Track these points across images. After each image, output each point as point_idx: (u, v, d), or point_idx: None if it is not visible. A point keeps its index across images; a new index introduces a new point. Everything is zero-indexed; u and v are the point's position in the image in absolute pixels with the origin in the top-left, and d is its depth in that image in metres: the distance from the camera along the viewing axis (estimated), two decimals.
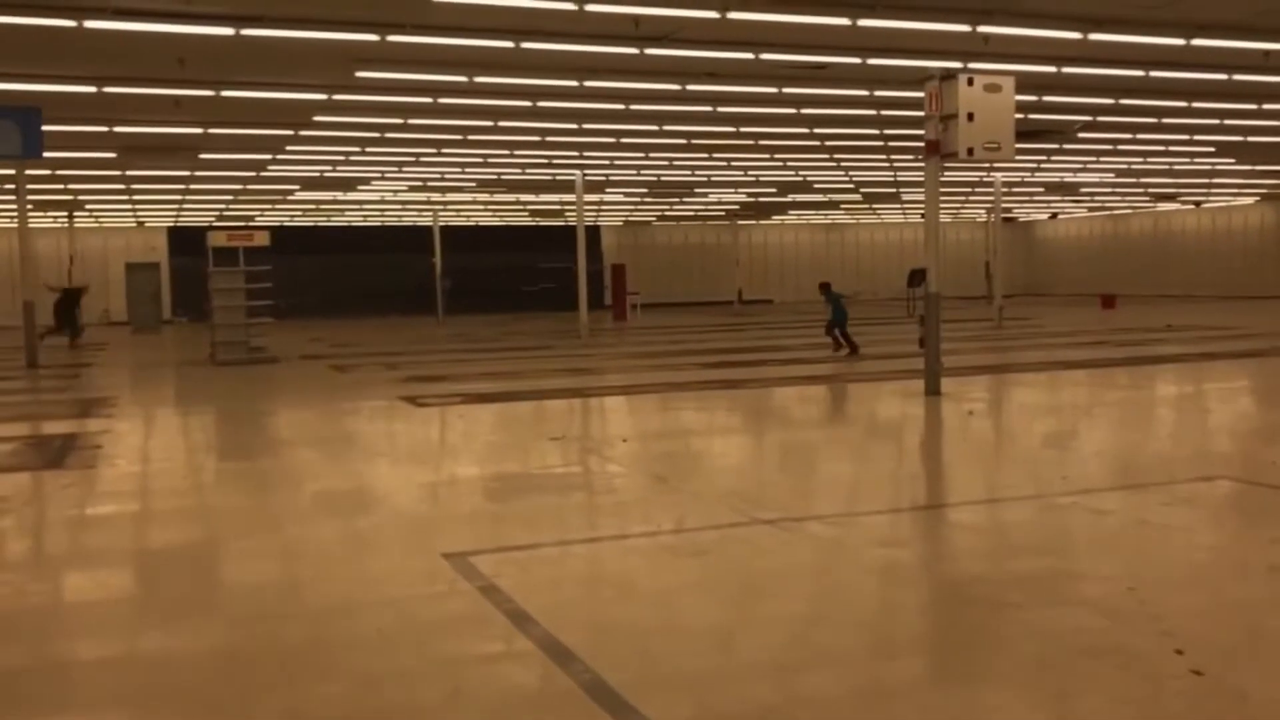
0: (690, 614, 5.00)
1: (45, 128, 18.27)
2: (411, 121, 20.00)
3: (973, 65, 14.90)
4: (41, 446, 10.87)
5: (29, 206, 21.40)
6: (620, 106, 19.01)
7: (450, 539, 6.46)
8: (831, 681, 4.16)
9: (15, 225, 21.88)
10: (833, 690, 4.08)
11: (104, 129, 19.94)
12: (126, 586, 5.90)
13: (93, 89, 16.32)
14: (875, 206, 43.65)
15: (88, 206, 34.83)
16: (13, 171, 20.52)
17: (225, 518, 7.39)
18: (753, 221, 48.24)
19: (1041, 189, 38.19)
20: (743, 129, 22.22)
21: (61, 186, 28.56)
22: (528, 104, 18.45)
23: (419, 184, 31.01)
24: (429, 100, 17.91)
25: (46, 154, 19.06)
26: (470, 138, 22.36)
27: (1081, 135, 23.84)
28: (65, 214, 35.33)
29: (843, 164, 29.28)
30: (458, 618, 5.03)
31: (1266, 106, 20.79)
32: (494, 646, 4.64)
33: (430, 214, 37.27)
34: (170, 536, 6.95)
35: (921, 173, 13.46)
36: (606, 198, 36.68)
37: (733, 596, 5.30)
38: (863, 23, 13.21)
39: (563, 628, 4.70)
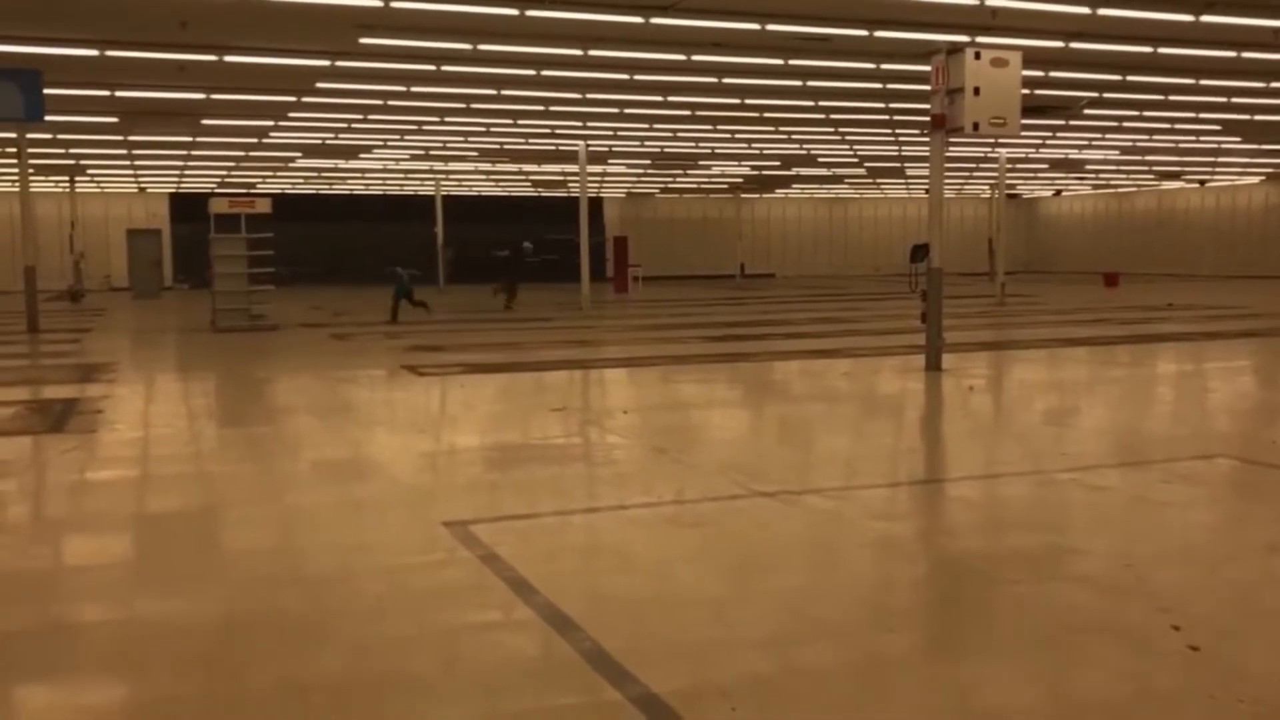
0: (689, 585, 5.02)
1: (47, 91, 18.19)
2: (414, 89, 19.90)
3: (980, 39, 14.79)
4: (43, 411, 10.87)
5: (30, 171, 21.32)
6: (625, 76, 18.91)
7: (450, 508, 6.47)
8: (827, 653, 4.18)
9: (16, 190, 21.76)
10: (829, 662, 4.10)
11: (106, 93, 19.84)
12: (125, 551, 5.91)
13: (95, 52, 16.22)
14: (879, 181, 43.51)
15: (89, 171, 34.71)
16: (14, 135, 20.44)
17: (224, 484, 7.40)
18: (755, 195, 48.09)
19: (1046, 165, 38.03)
20: (747, 100, 22.11)
21: (63, 151, 28.46)
22: (531, 73, 18.35)
23: (421, 153, 30.89)
24: (432, 68, 17.82)
25: (48, 118, 19.00)
26: (473, 106, 22.25)
27: (1087, 111, 23.72)
28: (67, 179, 35.20)
29: (847, 137, 29.16)
30: (457, 586, 5.04)
31: (1274, 84, 20.67)
32: (494, 615, 4.65)
33: (433, 183, 37.11)
34: (169, 502, 6.97)
35: (926, 147, 13.40)
36: (609, 169, 36.54)
37: (731, 568, 5.32)
38: None
39: (563, 597, 4.71)
